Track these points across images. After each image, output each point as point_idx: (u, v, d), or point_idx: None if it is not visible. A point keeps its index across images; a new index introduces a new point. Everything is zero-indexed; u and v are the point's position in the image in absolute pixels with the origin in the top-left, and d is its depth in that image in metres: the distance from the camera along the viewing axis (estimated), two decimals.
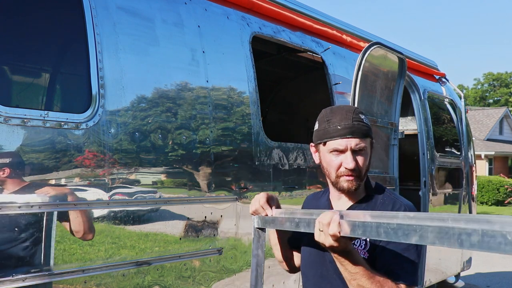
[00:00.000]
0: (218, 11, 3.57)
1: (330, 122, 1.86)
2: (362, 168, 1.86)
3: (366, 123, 1.87)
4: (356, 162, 1.84)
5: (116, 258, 2.71)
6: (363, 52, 4.35)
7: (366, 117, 1.90)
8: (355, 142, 1.83)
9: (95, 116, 2.63)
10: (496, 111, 38.18)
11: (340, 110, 1.89)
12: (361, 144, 1.84)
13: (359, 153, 1.85)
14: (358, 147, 1.84)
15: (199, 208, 3.18)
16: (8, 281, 2.27)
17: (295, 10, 4.28)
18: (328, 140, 1.86)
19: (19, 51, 2.85)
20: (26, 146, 2.37)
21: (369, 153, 1.91)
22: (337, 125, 1.84)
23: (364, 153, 1.87)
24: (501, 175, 25.60)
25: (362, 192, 1.96)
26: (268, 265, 3.66)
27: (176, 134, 3.04)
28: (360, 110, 1.92)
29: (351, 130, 1.83)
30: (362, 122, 1.86)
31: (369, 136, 1.88)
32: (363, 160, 1.86)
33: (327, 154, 1.89)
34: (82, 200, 2.59)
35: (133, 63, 2.89)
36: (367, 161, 1.88)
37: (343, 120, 1.84)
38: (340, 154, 1.85)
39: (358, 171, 1.86)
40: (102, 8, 2.77)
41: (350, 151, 1.84)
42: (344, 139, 1.83)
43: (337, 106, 1.94)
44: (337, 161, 1.86)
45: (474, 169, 7.05)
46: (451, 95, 6.75)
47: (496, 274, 9.05)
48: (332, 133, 1.85)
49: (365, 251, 1.86)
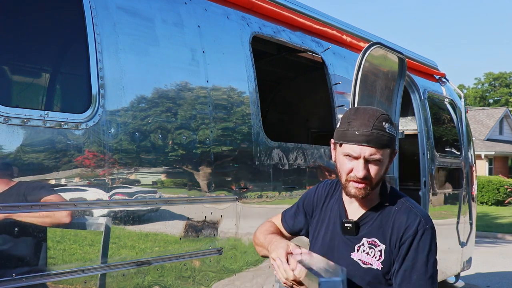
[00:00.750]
0: (218, 11, 3.57)
1: (350, 124, 1.80)
2: (374, 179, 1.81)
3: (389, 133, 1.79)
4: (367, 171, 1.79)
5: (116, 258, 2.71)
6: (363, 52, 4.35)
7: (391, 126, 1.81)
8: (370, 151, 1.77)
9: (95, 116, 2.63)
10: (496, 111, 38.18)
11: (364, 114, 1.81)
12: (376, 155, 1.77)
13: (373, 163, 1.79)
14: (372, 158, 1.78)
15: (199, 208, 3.18)
16: (8, 281, 2.27)
17: (295, 10, 4.28)
18: (344, 143, 1.81)
19: (19, 51, 2.85)
20: (26, 146, 2.37)
21: (386, 163, 1.84)
22: (356, 130, 1.77)
23: (379, 163, 1.80)
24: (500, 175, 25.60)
25: (376, 198, 1.92)
26: (268, 265, 3.66)
27: (176, 134, 3.04)
28: (386, 117, 1.82)
29: (368, 139, 1.76)
30: (383, 131, 1.77)
31: (388, 146, 1.80)
32: (376, 170, 1.80)
33: (341, 156, 1.84)
34: (82, 200, 2.59)
35: (133, 63, 2.89)
36: (380, 172, 1.82)
37: (363, 126, 1.77)
38: (353, 159, 1.80)
39: (369, 181, 1.80)
40: (102, 8, 2.77)
41: (363, 159, 1.78)
42: (359, 146, 1.77)
43: (363, 108, 1.85)
44: (349, 165, 1.81)
45: (474, 169, 7.05)
46: (451, 95, 6.75)
47: (496, 274, 9.05)
48: (349, 137, 1.79)
49: (379, 262, 1.84)
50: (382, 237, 1.85)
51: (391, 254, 1.83)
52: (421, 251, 1.80)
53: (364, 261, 1.86)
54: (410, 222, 1.83)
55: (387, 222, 1.86)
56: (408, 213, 1.85)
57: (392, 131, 1.81)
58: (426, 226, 1.83)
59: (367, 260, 1.85)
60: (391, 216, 1.87)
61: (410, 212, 1.85)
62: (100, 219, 2.67)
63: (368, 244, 1.87)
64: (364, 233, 1.88)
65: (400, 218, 1.85)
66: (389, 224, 1.85)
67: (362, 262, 1.86)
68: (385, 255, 1.83)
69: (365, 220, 1.90)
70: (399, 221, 1.84)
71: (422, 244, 1.80)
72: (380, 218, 1.88)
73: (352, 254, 1.88)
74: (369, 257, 1.85)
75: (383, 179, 1.87)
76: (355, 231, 1.89)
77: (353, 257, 1.88)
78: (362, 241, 1.88)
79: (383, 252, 1.83)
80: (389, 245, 1.84)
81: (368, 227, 1.88)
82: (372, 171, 1.80)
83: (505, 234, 14.38)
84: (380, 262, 1.83)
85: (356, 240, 1.89)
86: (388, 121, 1.81)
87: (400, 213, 1.86)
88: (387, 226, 1.86)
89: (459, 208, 6.29)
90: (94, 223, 2.66)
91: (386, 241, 1.84)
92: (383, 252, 1.83)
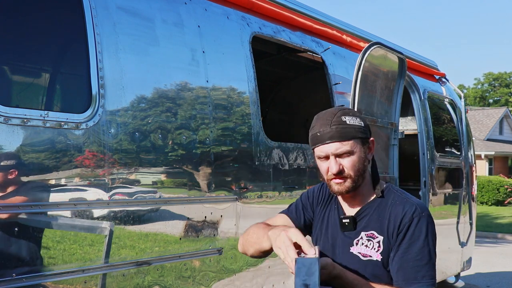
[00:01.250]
0: (218, 11, 3.57)
1: (313, 129, 1.86)
2: (350, 171, 1.83)
3: (350, 124, 1.82)
4: (340, 166, 1.82)
5: (116, 258, 2.71)
6: (363, 52, 4.35)
7: (354, 117, 1.85)
8: (335, 147, 1.81)
9: (95, 116, 2.63)
10: (496, 111, 38.17)
11: (323, 115, 1.86)
12: (342, 148, 1.81)
13: (344, 156, 1.82)
14: (340, 151, 1.81)
15: (199, 208, 3.18)
16: (8, 281, 2.27)
17: (295, 10, 4.28)
18: (313, 147, 1.87)
19: (19, 51, 2.85)
20: (26, 146, 2.37)
21: (361, 154, 1.85)
22: (317, 132, 1.83)
23: (350, 155, 1.83)
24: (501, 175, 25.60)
25: (370, 194, 1.94)
26: (268, 265, 3.66)
27: (176, 134, 3.04)
28: (346, 111, 1.87)
29: (329, 135, 1.80)
30: (344, 124, 1.81)
31: (354, 137, 1.83)
32: (350, 162, 1.83)
33: (317, 160, 1.89)
34: (82, 200, 2.59)
35: (133, 63, 2.89)
36: (357, 163, 1.84)
37: (322, 126, 1.82)
38: (325, 160, 1.85)
39: (346, 174, 1.83)
40: (102, 8, 2.77)
41: (332, 156, 1.82)
42: (325, 145, 1.82)
43: (324, 111, 1.90)
44: (324, 166, 1.86)
45: (474, 169, 7.05)
46: (451, 95, 6.75)
47: (496, 274, 9.05)
48: (314, 140, 1.85)
49: (378, 253, 1.85)
50: (380, 229, 1.87)
51: (389, 244, 1.84)
52: (416, 238, 1.81)
53: (363, 253, 1.87)
54: (406, 210, 1.84)
55: (384, 214, 1.88)
56: (404, 204, 1.87)
57: (355, 121, 1.84)
58: (422, 214, 1.84)
59: (366, 252, 1.87)
60: (388, 208, 1.89)
61: (406, 203, 1.87)
62: (100, 219, 2.67)
63: (366, 237, 1.88)
64: (362, 227, 1.90)
65: (396, 208, 1.87)
66: (386, 216, 1.87)
67: (362, 255, 1.87)
68: (384, 245, 1.85)
69: (362, 215, 1.92)
70: (396, 212, 1.86)
71: (418, 231, 1.81)
72: (377, 211, 1.90)
73: (352, 249, 1.90)
74: (368, 249, 1.86)
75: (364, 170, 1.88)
76: (353, 226, 1.91)
77: (352, 251, 1.90)
78: (360, 235, 1.90)
79: (381, 243, 1.85)
80: (387, 235, 1.85)
81: (366, 221, 1.90)
82: (346, 164, 1.83)
83: (505, 234, 14.38)
84: (379, 253, 1.85)
85: (355, 235, 1.91)
86: (348, 114, 1.84)
87: (396, 204, 1.88)
88: (384, 217, 1.87)
89: (459, 208, 6.29)
90: (94, 223, 2.66)
91: (384, 232, 1.86)
92: (382, 243, 1.85)
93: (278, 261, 3.75)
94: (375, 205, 1.92)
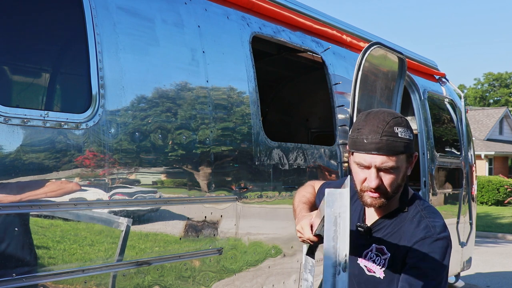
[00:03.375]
0: (218, 11, 3.57)
1: (360, 132, 1.71)
2: (388, 188, 1.72)
3: (402, 137, 1.68)
4: (380, 181, 1.70)
5: (116, 258, 2.71)
6: (363, 52, 4.35)
7: (405, 129, 1.69)
8: (381, 160, 1.67)
9: (95, 116, 2.63)
10: (496, 111, 38.17)
11: (374, 119, 1.69)
12: (388, 163, 1.67)
13: (385, 171, 1.70)
14: (384, 166, 1.68)
15: (199, 208, 3.18)
16: (8, 281, 2.27)
17: (295, 10, 4.27)
18: (355, 152, 1.73)
19: (19, 51, 2.85)
20: (26, 146, 2.37)
21: (403, 169, 1.73)
22: (364, 138, 1.68)
23: (393, 171, 1.70)
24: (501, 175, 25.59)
25: (395, 204, 1.83)
26: (268, 265, 3.66)
27: (176, 134, 3.04)
28: (399, 120, 1.70)
29: (378, 147, 1.66)
30: (395, 136, 1.66)
31: (402, 152, 1.68)
32: (390, 179, 1.70)
33: (354, 165, 1.76)
34: (82, 200, 2.59)
35: (133, 63, 2.89)
36: (396, 180, 1.72)
37: (371, 133, 1.67)
38: (365, 168, 1.72)
39: (383, 190, 1.72)
40: (102, 8, 2.77)
41: (374, 168, 1.69)
42: (369, 155, 1.68)
43: (374, 113, 1.73)
44: (362, 175, 1.73)
45: (474, 169, 7.05)
46: (451, 95, 6.75)
47: (496, 274, 9.05)
48: (359, 145, 1.70)
49: (382, 271, 1.79)
50: (390, 245, 1.79)
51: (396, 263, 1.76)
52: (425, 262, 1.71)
53: (369, 268, 1.83)
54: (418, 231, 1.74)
55: (398, 230, 1.80)
56: (419, 222, 1.77)
57: (407, 134, 1.70)
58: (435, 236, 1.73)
59: (372, 267, 1.82)
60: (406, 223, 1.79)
61: (422, 222, 1.77)
62: (100, 219, 2.67)
63: (375, 251, 1.82)
64: (375, 239, 1.83)
65: (410, 227, 1.77)
66: (399, 233, 1.79)
67: (367, 269, 1.83)
68: (389, 264, 1.78)
69: (378, 227, 1.84)
70: (409, 230, 1.77)
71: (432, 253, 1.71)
72: (394, 224, 1.81)
73: (359, 260, 1.85)
74: (374, 265, 1.81)
75: (402, 185, 1.77)
76: (367, 236, 1.84)
77: (359, 262, 1.85)
78: (371, 247, 1.83)
79: (387, 261, 1.79)
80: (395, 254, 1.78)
81: (381, 233, 1.83)
82: (385, 181, 1.71)
83: (505, 234, 14.38)
84: (382, 271, 1.79)
85: (367, 245, 1.85)
86: (401, 124, 1.69)
87: (412, 222, 1.78)
88: (399, 233, 1.79)
89: (459, 208, 6.29)
90: (94, 223, 2.66)
91: (393, 249, 1.79)
92: (387, 261, 1.79)
93: (278, 261, 3.76)
94: (394, 218, 1.82)
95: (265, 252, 3.64)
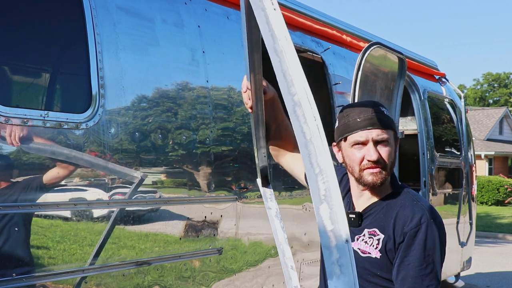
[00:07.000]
0: (218, 11, 3.57)
1: (349, 116, 1.81)
2: (387, 160, 1.80)
3: (388, 115, 1.82)
4: (379, 154, 1.78)
5: (116, 258, 2.71)
6: (363, 52, 4.35)
7: (387, 111, 1.85)
8: (376, 132, 1.78)
9: (95, 116, 2.63)
10: (496, 111, 38.17)
11: (359, 104, 1.87)
12: (383, 135, 1.79)
13: (382, 145, 1.79)
14: (380, 138, 1.78)
15: (199, 208, 3.18)
16: (8, 281, 2.27)
17: (295, 10, 4.28)
18: (349, 134, 1.81)
19: (19, 51, 2.85)
20: (26, 146, 2.37)
21: (394, 145, 1.84)
22: (357, 117, 1.79)
23: (388, 144, 1.80)
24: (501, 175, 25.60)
25: (387, 189, 1.89)
26: (268, 265, 3.66)
27: (176, 134, 3.04)
28: (381, 103, 1.88)
29: (371, 122, 1.78)
30: (383, 113, 1.81)
31: (391, 128, 1.82)
32: (387, 151, 1.80)
33: (349, 149, 1.83)
34: (82, 200, 2.59)
35: (133, 63, 2.89)
36: (392, 154, 1.81)
37: (363, 113, 1.79)
38: (362, 147, 1.79)
39: (383, 163, 1.79)
40: (102, 8, 2.77)
41: (372, 142, 1.78)
42: (365, 131, 1.78)
43: (357, 102, 1.88)
44: (360, 154, 1.80)
45: (474, 169, 7.05)
46: (451, 95, 6.76)
47: (496, 274, 9.05)
48: (352, 126, 1.80)
49: (377, 251, 1.82)
50: (383, 228, 1.83)
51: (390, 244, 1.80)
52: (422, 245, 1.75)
53: (362, 250, 1.85)
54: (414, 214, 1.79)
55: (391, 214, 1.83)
56: (413, 206, 1.82)
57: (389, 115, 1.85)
58: (430, 220, 1.78)
59: (365, 249, 1.84)
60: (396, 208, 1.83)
61: (416, 206, 1.82)
62: (100, 219, 2.67)
63: (368, 234, 1.85)
64: (367, 225, 1.87)
65: (404, 211, 1.81)
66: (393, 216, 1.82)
67: (361, 251, 1.85)
68: (383, 244, 1.81)
69: (369, 212, 1.88)
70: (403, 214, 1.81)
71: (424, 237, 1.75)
72: (385, 210, 1.85)
73: (352, 244, 1.86)
74: (367, 246, 1.84)
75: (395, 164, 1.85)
76: (358, 222, 1.88)
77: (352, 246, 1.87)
78: (363, 232, 1.87)
79: (381, 241, 1.81)
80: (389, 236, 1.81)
81: (372, 218, 1.87)
82: (383, 153, 1.79)
83: (505, 234, 14.38)
84: (378, 250, 1.82)
85: (358, 231, 1.88)
86: (383, 106, 1.85)
87: (405, 206, 1.83)
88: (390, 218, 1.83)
89: (459, 208, 6.29)
90: (94, 223, 2.66)
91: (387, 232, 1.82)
92: (381, 241, 1.81)
93: (278, 261, 3.75)
94: (384, 204, 1.87)
95: (265, 252, 3.64)
